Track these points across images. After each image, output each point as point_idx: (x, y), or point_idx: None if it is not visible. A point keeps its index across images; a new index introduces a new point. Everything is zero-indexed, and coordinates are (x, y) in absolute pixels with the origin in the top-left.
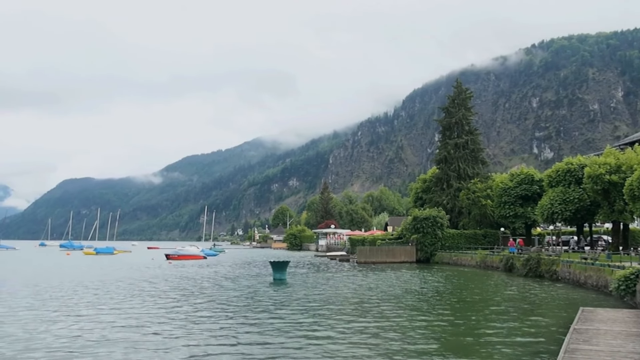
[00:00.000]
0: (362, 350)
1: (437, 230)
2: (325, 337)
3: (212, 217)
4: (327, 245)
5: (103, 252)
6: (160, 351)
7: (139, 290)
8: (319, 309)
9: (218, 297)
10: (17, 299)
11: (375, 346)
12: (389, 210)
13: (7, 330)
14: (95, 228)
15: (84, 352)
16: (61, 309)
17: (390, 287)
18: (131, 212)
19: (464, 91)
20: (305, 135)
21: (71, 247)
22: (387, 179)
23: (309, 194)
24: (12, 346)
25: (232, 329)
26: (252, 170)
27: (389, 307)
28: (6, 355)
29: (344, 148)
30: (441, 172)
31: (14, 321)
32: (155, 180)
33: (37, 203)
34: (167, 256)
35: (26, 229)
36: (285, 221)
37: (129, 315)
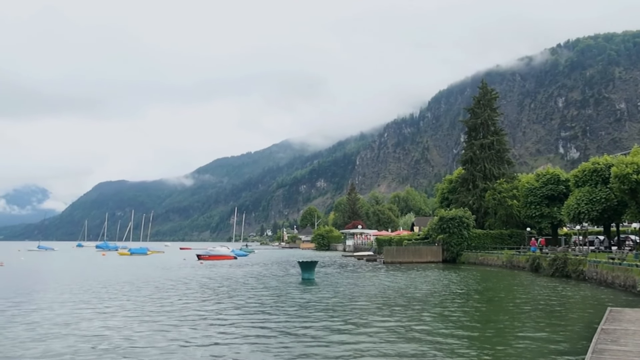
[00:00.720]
0: (390, 350)
1: (463, 231)
2: (354, 336)
3: (242, 218)
4: (355, 245)
5: (137, 253)
6: (191, 347)
7: (173, 290)
8: (347, 308)
9: (248, 297)
10: (78, 298)
11: (404, 345)
12: (415, 210)
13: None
14: (130, 229)
15: (121, 347)
16: (114, 305)
17: (417, 286)
18: (164, 214)
19: (490, 92)
20: (332, 137)
21: (106, 247)
22: (413, 179)
23: (337, 195)
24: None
25: (262, 328)
26: (280, 171)
27: (416, 307)
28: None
29: (370, 149)
30: (467, 173)
31: (79, 319)
32: (186, 182)
33: (74, 205)
34: (199, 256)
35: (64, 230)
36: (313, 222)
37: (164, 314)
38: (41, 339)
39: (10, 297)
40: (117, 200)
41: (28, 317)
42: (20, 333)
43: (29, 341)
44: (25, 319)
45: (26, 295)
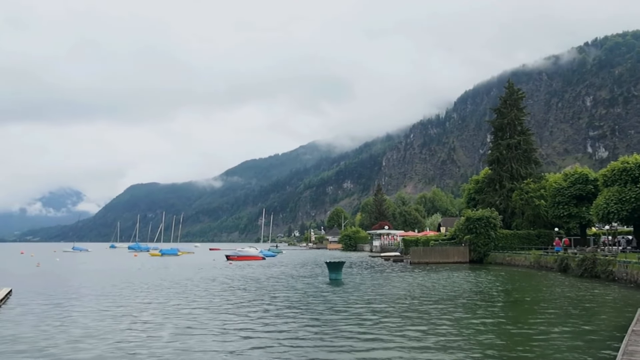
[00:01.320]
0: (419, 350)
1: (490, 231)
2: (383, 337)
3: (270, 219)
4: (381, 245)
5: (168, 254)
6: (220, 344)
7: (204, 290)
8: (375, 308)
9: (276, 297)
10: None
11: (433, 347)
12: (441, 211)
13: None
14: (160, 230)
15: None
16: (152, 303)
17: (445, 287)
18: (194, 215)
19: (516, 92)
20: (358, 139)
21: (138, 248)
22: (439, 180)
23: (363, 196)
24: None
25: (290, 328)
26: (307, 173)
27: (445, 307)
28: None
29: (396, 150)
30: (494, 173)
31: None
32: (216, 184)
33: (107, 207)
34: (228, 257)
35: (97, 231)
36: (340, 222)
37: (194, 313)
38: (85, 338)
39: (49, 297)
40: (148, 202)
41: (71, 315)
42: (72, 331)
43: (82, 339)
44: (68, 317)
45: (65, 295)
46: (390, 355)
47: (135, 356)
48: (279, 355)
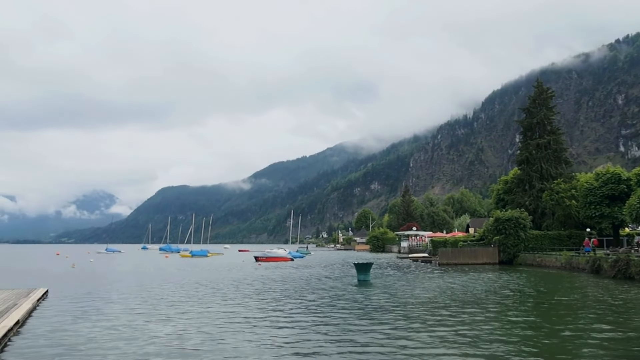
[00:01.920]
0: (449, 352)
1: (519, 232)
2: (413, 338)
3: (298, 221)
4: (409, 247)
5: (198, 255)
6: (249, 343)
7: (234, 290)
8: (404, 310)
9: (305, 298)
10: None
11: (468, 349)
12: (470, 212)
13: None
14: (191, 232)
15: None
16: (186, 304)
17: (474, 288)
18: (223, 217)
19: (545, 91)
20: (385, 140)
21: (169, 250)
22: (467, 181)
23: (391, 197)
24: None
25: (318, 329)
26: (335, 175)
27: (475, 309)
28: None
29: (424, 151)
30: (523, 173)
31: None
32: (244, 186)
33: (139, 210)
34: (256, 258)
35: (129, 233)
36: (368, 224)
37: (224, 313)
38: (120, 338)
39: (84, 297)
40: (179, 204)
41: (105, 314)
42: (107, 331)
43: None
44: (103, 317)
45: (99, 295)
46: (421, 357)
47: (169, 356)
48: (308, 356)
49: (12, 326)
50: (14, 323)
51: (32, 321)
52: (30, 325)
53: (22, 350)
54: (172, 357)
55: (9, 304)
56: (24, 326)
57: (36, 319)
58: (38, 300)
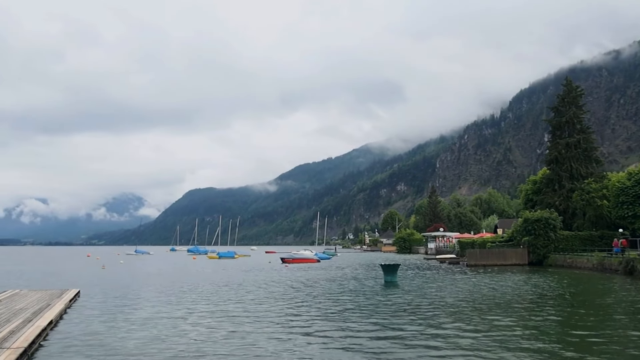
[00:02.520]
0: (479, 354)
1: (549, 232)
2: (441, 340)
3: (324, 222)
4: (436, 248)
5: (225, 256)
6: (278, 343)
7: (262, 291)
8: (432, 311)
9: (331, 299)
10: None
11: (502, 353)
12: (498, 212)
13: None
14: (218, 234)
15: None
16: (216, 304)
17: (504, 290)
18: (250, 219)
19: (575, 89)
20: (411, 141)
21: (197, 251)
22: (495, 181)
23: (417, 198)
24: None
25: (344, 331)
26: (361, 176)
27: (507, 311)
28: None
29: (450, 152)
30: (552, 173)
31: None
32: (270, 188)
33: (167, 212)
34: (283, 260)
35: (158, 235)
36: (394, 225)
37: (249, 314)
38: (151, 338)
39: (115, 298)
40: (206, 206)
41: (136, 315)
42: (139, 331)
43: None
44: (134, 317)
45: (130, 296)
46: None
47: (200, 357)
48: (335, 356)
49: (45, 326)
50: (48, 323)
51: (65, 321)
52: (63, 325)
53: (56, 349)
54: (203, 359)
55: (43, 304)
56: (57, 326)
57: (69, 319)
58: (70, 301)
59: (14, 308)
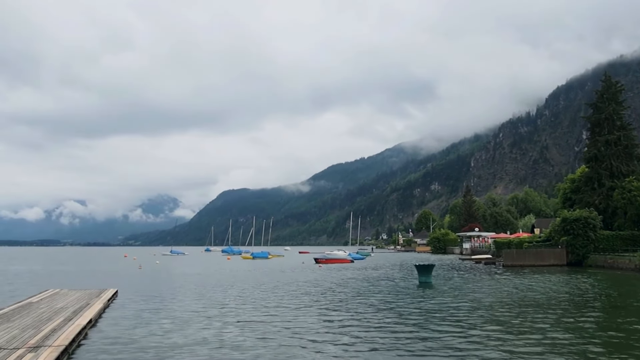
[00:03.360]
0: (518, 356)
1: (589, 232)
2: (478, 342)
3: (358, 223)
4: (472, 248)
5: (259, 257)
6: (314, 343)
7: (297, 292)
8: (468, 313)
9: (366, 300)
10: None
11: (530, 353)
12: (534, 212)
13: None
14: (251, 234)
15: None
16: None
17: (542, 291)
18: (283, 219)
19: (614, 84)
20: (445, 140)
21: (231, 252)
22: (531, 180)
23: (451, 198)
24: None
25: (380, 332)
26: (394, 176)
27: (546, 313)
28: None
29: (485, 150)
30: (591, 171)
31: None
32: (303, 188)
33: (201, 213)
34: (316, 260)
35: (192, 236)
36: (428, 225)
37: (290, 314)
38: (189, 338)
39: (152, 298)
40: (239, 207)
41: (174, 315)
42: (177, 331)
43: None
44: (172, 317)
45: (167, 296)
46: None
47: (234, 357)
48: (370, 358)
49: (85, 325)
50: (87, 322)
51: (103, 320)
52: (102, 324)
53: (95, 348)
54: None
55: (82, 303)
56: (96, 325)
57: (107, 318)
58: (108, 301)
59: (55, 307)
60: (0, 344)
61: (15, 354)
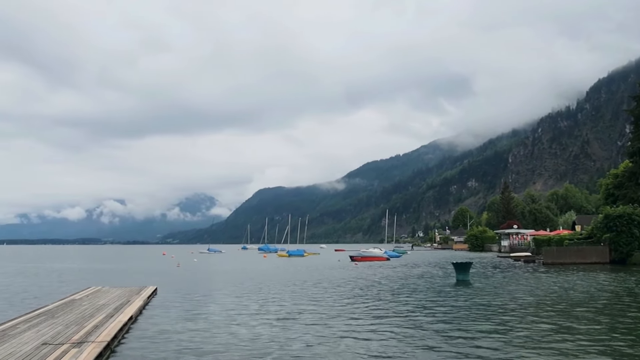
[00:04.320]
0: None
1: (633, 229)
2: (518, 343)
3: (394, 220)
4: (510, 245)
5: (295, 255)
6: (352, 341)
7: (334, 289)
8: (508, 312)
9: (403, 298)
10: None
11: (572, 355)
12: (575, 208)
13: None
14: (287, 232)
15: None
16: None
17: (587, 289)
18: (318, 217)
19: None
20: (482, 136)
21: (267, 250)
22: (572, 175)
23: (489, 195)
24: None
25: (417, 331)
26: (429, 173)
27: (591, 314)
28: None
29: (523, 146)
30: (635, 166)
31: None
32: (338, 186)
33: (237, 211)
34: (352, 258)
35: (229, 234)
36: (465, 222)
37: (326, 312)
38: (229, 336)
39: (191, 295)
40: (275, 205)
41: (213, 312)
42: (218, 329)
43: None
44: (212, 315)
45: (205, 293)
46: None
47: (271, 355)
48: (407, 357)
49: (126, 321)
50: (128, 318)
51: (143, 317)
52: (142, 320)
53: (136, 343)
54: (273, 356)
55: (123, 300)
56: (137, 322)
57: (147, 315)
58: (148, 298)
59: (97, 304)
60: (46, 340)
61: (60, 349)
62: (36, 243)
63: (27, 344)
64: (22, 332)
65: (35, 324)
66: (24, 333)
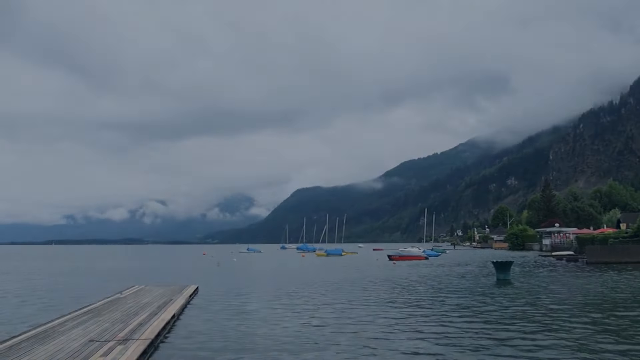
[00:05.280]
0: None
1: None
2: (562, 345)
3: (432, 219)
4: (552, 244)
5: (333, 254)
6: (390, 342)
7: (373, 289)
8: (551, 313)
9: (443, 297)
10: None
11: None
12: (620, 206)
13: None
14: (325, 232)
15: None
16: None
17: (633, 290)
18: (356, 217)
19: None
20: (521, 133)
21: (306, 249)
22: (616, 172)
23: (529, 193)
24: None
25: (458, 330)
26: (468, 171)
27: (634, 314)
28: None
29: (564, 142)
30: None
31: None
32: (376, 185)
33: (275, 211)
34: (390, 257)
35: (267, 234)
36: (505, 221)
37: (366, 311)
38: (273, 334)
39: (231, 294)
40: (313, 205)
41: (255, 310)
42: (259, 327)
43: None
44: (254, 313)
45: (246, 292)
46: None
47: (313, 353)
48: (449, 356)
49: (169, 319)
50: (171, 317)
51: (186, 315)
52: (185, 319)
53: (180, 341)
54: (313, 354)
55: (166, 299)
56: (180, 320)
57: (189, 313)
58: (190, 296)
59: (140, 302)
60: (93, 337)
61: (106, 346)
62: (82, 243)
63: (75, 340)
64: (70, 329)
65: (82, 321)
66: (72, 330)
